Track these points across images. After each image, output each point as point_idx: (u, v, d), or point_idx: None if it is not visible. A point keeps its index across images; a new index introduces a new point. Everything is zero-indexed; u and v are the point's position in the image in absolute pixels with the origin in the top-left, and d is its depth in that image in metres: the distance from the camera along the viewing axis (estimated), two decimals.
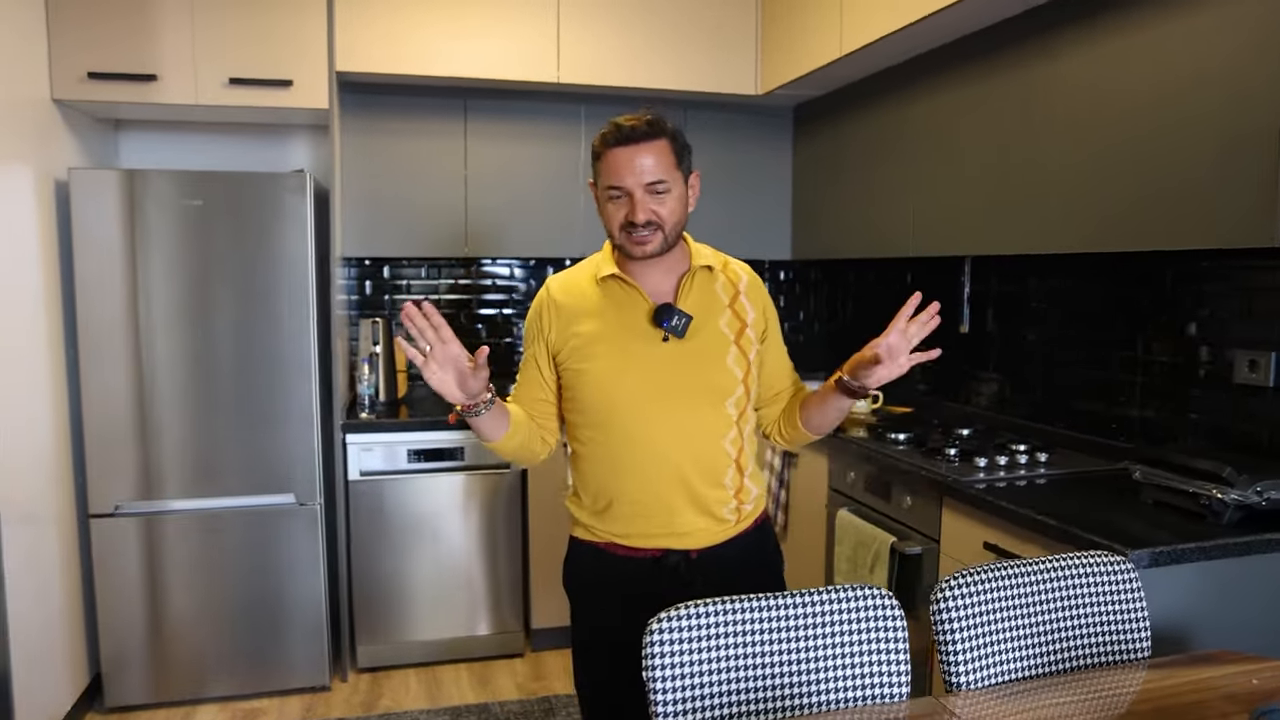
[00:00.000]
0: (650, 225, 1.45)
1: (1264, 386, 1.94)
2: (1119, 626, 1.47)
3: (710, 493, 1.53)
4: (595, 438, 1.54)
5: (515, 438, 1.54)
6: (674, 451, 1.51)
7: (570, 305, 1.56)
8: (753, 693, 1.27)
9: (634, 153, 1.45)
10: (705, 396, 1.52)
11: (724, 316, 1.55)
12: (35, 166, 2.39)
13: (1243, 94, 1.63)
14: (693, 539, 1.53)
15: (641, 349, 1.51)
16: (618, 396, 1.51)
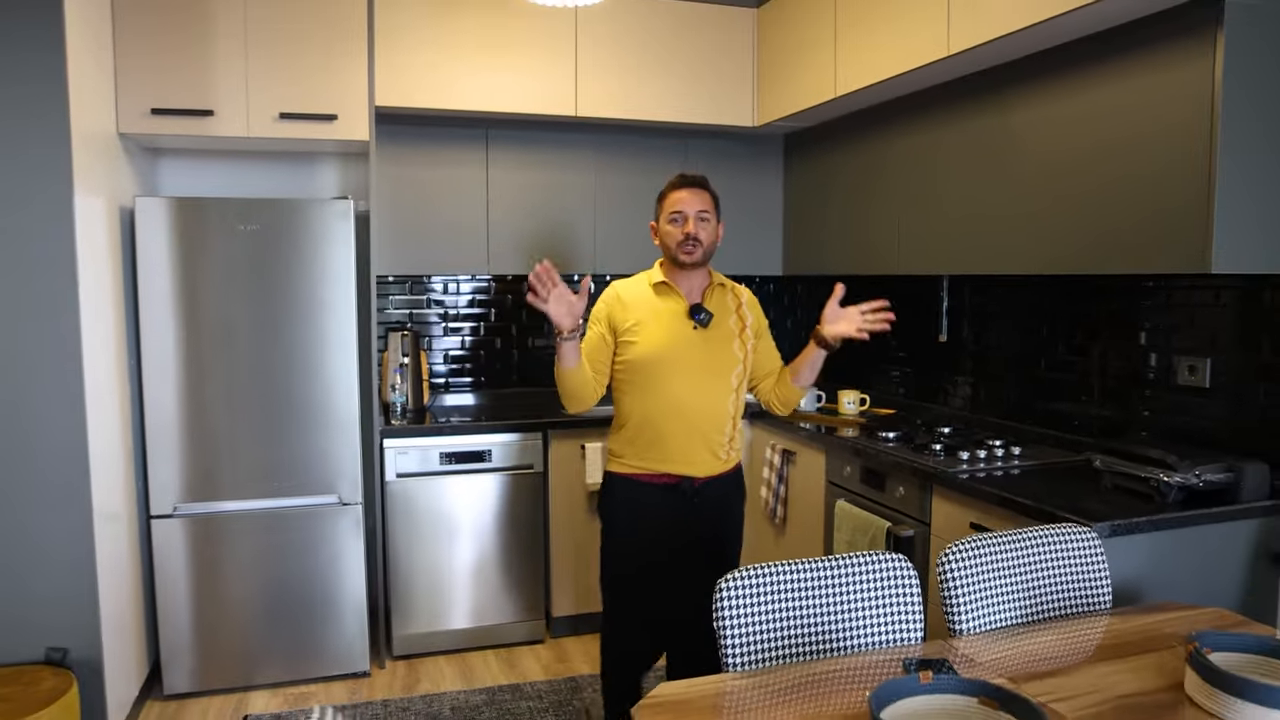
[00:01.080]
0: (695, 241, 2.20)
1: (1202, 387, 2.30)
2: (1086, 583, 1.79)
3: (713, 436, 2.23)
4: (639, 388, 2.21)
5: (583, 371, 2.18)
6: (692, 403, 2.19)
7: (630, 301, 2.26)
8: (801, 636, 1.57)
9: (692, 193, 2.23)
10: (716, 369, 2.22)
11: (731, 318, 2.28)
12: (106, 195, 2.60)
13: (1176, 146, 1.98)
14: (698, 469, 2.23)
15: (678, 331, 2.21)
16: (659, 362, 2.19)
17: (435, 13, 3.15)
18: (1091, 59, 2.18)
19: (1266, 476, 2.09)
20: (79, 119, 2.32)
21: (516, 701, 2.87)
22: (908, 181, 2.93)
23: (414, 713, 2.79)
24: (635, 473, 2.24)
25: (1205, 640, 1.45)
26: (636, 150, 3.64)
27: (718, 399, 2.21)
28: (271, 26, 2.87)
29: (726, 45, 3.47)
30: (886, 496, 2.64)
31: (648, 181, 3.65)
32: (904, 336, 3.48)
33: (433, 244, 3.41)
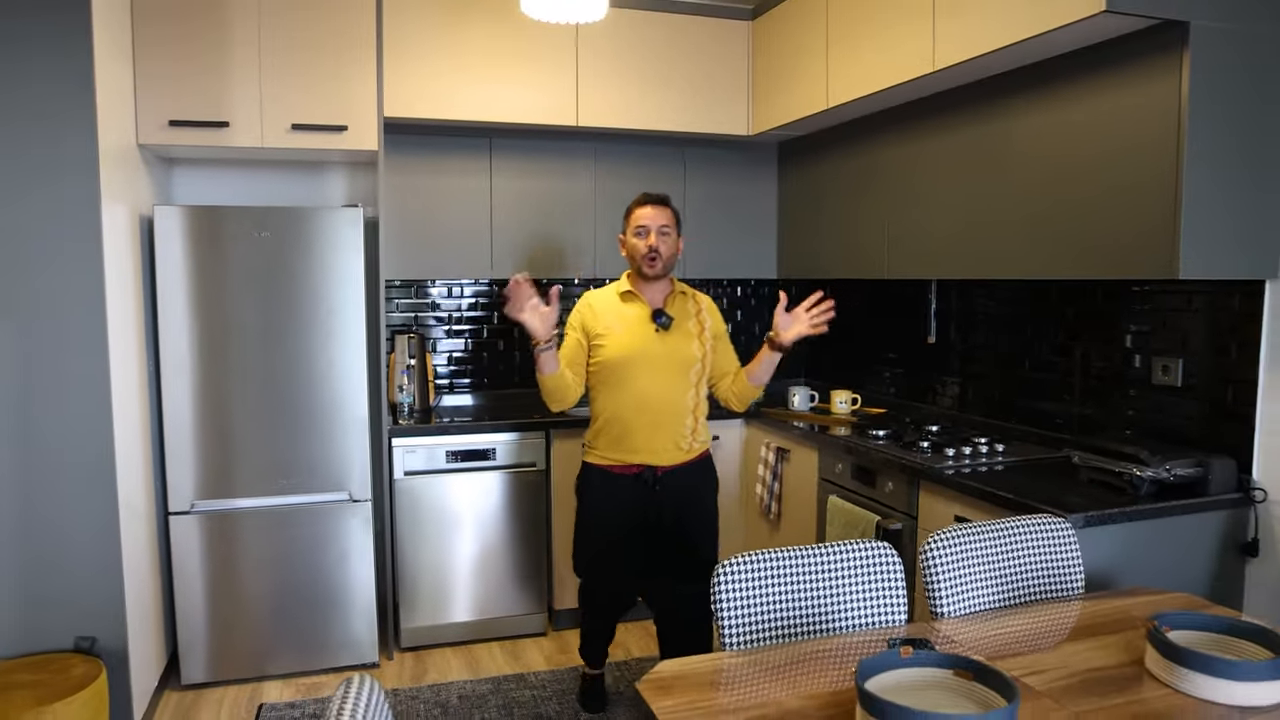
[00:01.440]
0: (657, 253, 2.50)
1: (1174, 386, 2.42)
2: (1061, 570, 1.91)
3: (675, 428, 2.52)
4: (609, 386, 2.51)
5: (562, 376, 2.46)
6: (655, 398, 2.49)
7: (600, 308, 2.56)
8: (793, 617, 1.69)
9: (655, 210, 2.53)
10: (677, 367, 2.51)
11: (691, 322, 2.58)
12: (128, 204, 2.71)
13: (1147, 159, 2.09)
14: (661, 458, 2.52)
15: (642, 335, 2.50)
16: (625, 362, 2.48)
17: (441, 27, 3.26)
18: (1069, 76, 2.30)
19: (1233, 471, 2.21)
20: (105, 131, 2.43)
21: (521, 690, 2.98)
22: (896, 189, 3.04)
23: (422, 701, 2.90)
24: (606, 463, 2.56)
25: (1165, 620, 1.57)
26: (636, 158, 3.76)
27: (678, 394, 2.51)
28: (284, 41, 2.98)
29: (722, 57, 3.59)
30: (876, 492, 2.76)
31: (646, 188, 3.77)
32: (895, 338, 3.60)
33: (438, 249, 3.53)
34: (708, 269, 3.90)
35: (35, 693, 2.16)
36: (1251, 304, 2.21)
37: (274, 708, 2.86)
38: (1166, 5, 1.98)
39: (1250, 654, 1.50)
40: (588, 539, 2.63)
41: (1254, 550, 2.21)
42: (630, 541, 2.56)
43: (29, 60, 2.29)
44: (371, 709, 1.06)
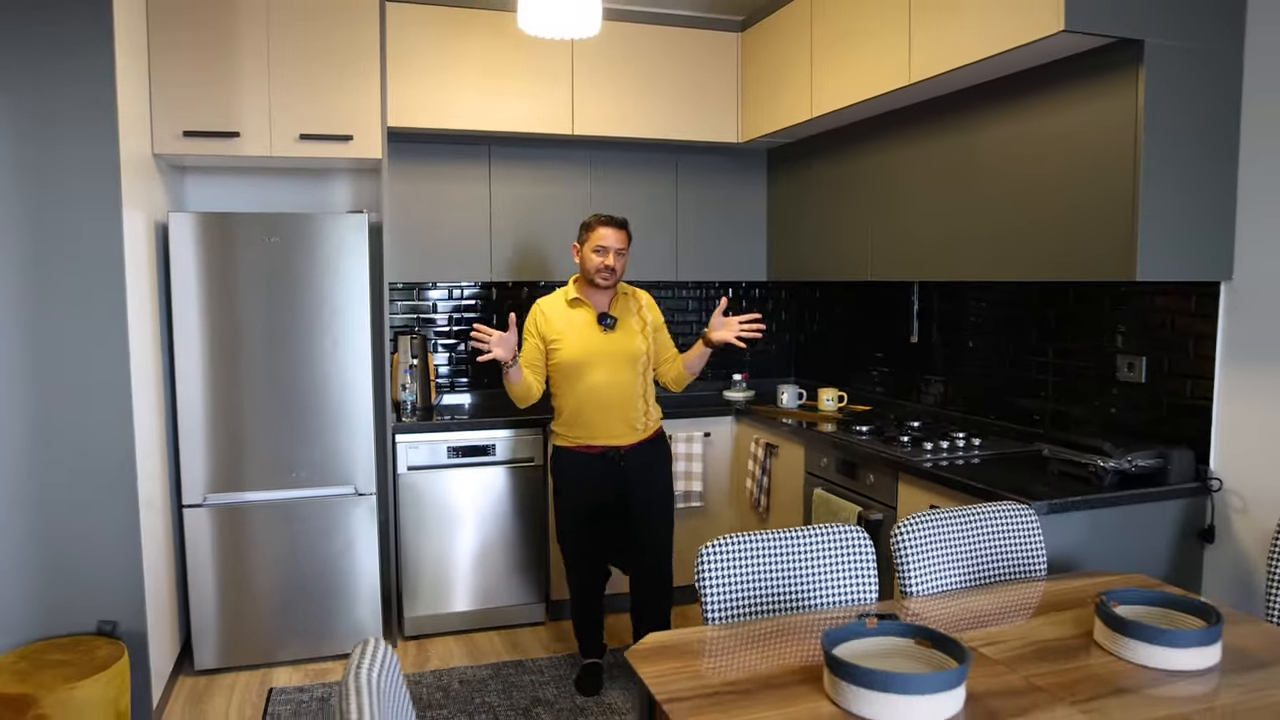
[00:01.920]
0: (612, 270, 2.82)
1: (1138, 383, 2.56)
2: (1024, 554, 2.04)
3: (629, 413, 2.85)
4: (567, 384, 2.85)
5: (525, 380, 2.81)
6: (608, 390, 2.82)
7: (551, 315, 2.87)
8: (772, 595, 1.82)
9: (615, 232, 2.83)
10: (624, 360, 2.84)
11: (633, 319, 2.90)
12: (144, 211, 2.84)
13: (1107, 168, 2.23)
14: (620, 439, 2.85)
15: (591, 336, 2.83)
16: (578, 364, 2.81)
17: (442, 41, 3.40)
18: (1034, 90, 2.44)
19: (1191, 462, 2.35)
20: (124, 143, 2.56)
21: (519, 675, 3.11)
22: (878, 195, 3.18)
23: (425, 685, 3.03)
24: (574, 445, 2.89)
25: (1113, 595, 1.70)
26: (630, 165, 3.89)
27: (628, 384, 2.85)
28: (292, 56, 3.12)
29: (713, 67, 3.72)
30: (859, 484, 2.89)
31: (640, 194, 3.91)
32: (880, 338, 3.74)
33: (440, 253, 3.66)
34: (699, 271, 4.03)
35: (65, 671, 2.29)
36: (1208, 305, 2.34)
37: (284, 691, 2.99)
38: (1122, 25, 2.11)
39: (1188, 626, 1.63)
40: (567, 513, 2.93)
41: (1210, 536, 2.35)
42: (603, 510, 2.89)
43: (55, 77, 2.42)
44: (385, 665, 1.20)
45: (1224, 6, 2.21)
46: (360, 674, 1.14)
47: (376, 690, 1.12)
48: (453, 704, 2.90)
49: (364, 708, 1.06)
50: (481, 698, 2.95)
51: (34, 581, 2.50)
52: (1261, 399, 2.23)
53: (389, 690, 1.18)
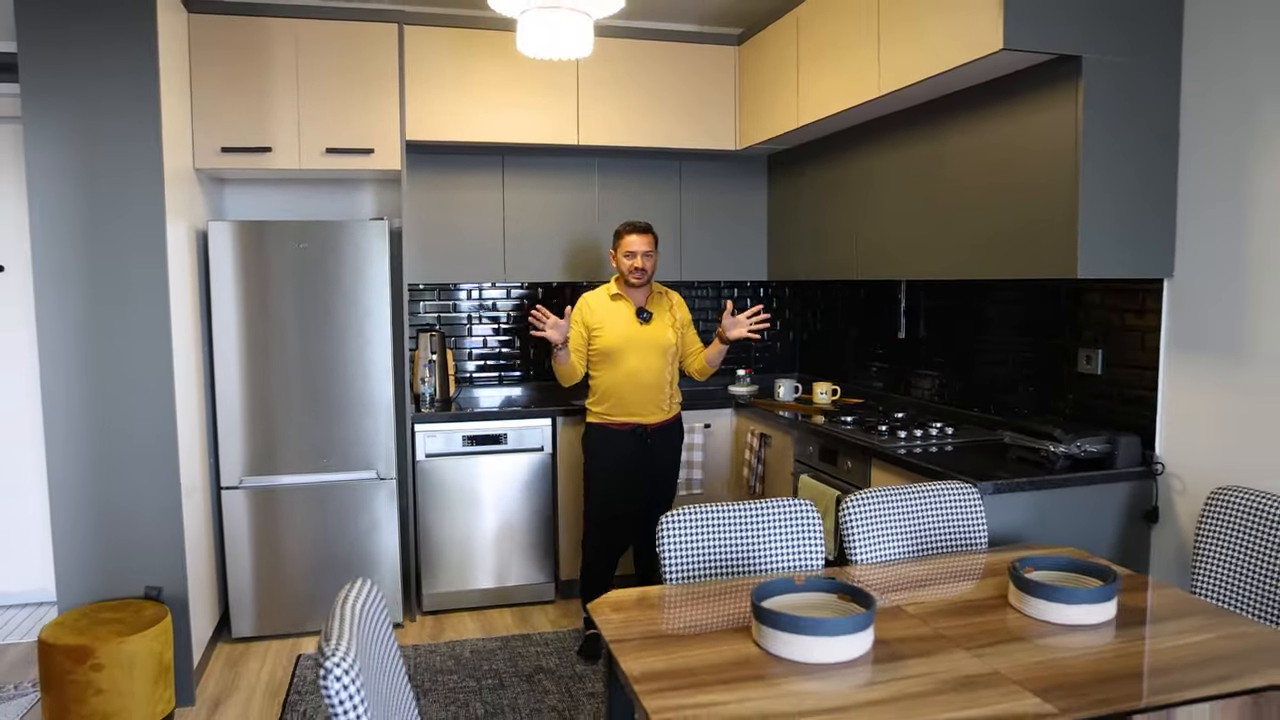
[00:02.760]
0: (642, 270, 3.19)
1: (1095, 374, 2.72)
2: (967, 528, 2.23)
3: (657, 395, 3.23)
4: (606, 365, 3.21)
5: (572, 363, 3.20)
6: (640, 374, 3.19)
7: (595, 307, 3.24)
8: (726, 560, 2.04)
9: (640, 237, 3.20)
10: (656, 349, 3.22)
11: (666, 315, 3.27)
12: (186, 220, 3.15)
13: (1054, 174, 2.40)
14: (648, 418, 3.23)
15: (629, 326, 3.20)
16: (618, 347, 3.19)
17: (456, 60, 3.67)
18: (987, 103, 2.61)
19: (1138, 448, 2.51)
20: (168, 158, 2.86)
21: (526, 647, 3.36)
22: (862, 199, 3.37)
23: (439, 655, 3.30)
24: (606, 422, 3.24)
25: (1030, 562, 1.89)
26: (635, 171, 4.13)
27: (658, 370, 3.22)
28: (318, 76, 3.41)
29: (712, 79, 3.94)
30: (838, 470, 3.09)
31: (646, 198, 4.14)
32: (875, 334, 3.92)
33: (457, 256, 3.93)
34: (703, 272, 4.25)
35: (117, 627, 2.60)
36: (1154, 300, 2.50)
37: (309, 657, 3.28)
38: (1060, 43, 2.29)
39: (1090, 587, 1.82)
40: (596, 480, 3.26)
41: (1154, 517, 2.50)
42: (628, 480, 3.25)
43: (105, 101, 2.73)
44: (368, 598, 1.45)
45: (1162, 22, 2.37)
46: (345, 604, 1.39)
47: (355, 616, 1.37)
48: (462, 670, 3.17)
49: (344, 631, 1.30)
50: (489, 665, 3.20)
51: (91, 552, 2.81)
52: (1201, 388, 2.38)
53: (369, 617, 1.43)
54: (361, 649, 1.33)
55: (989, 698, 1.42)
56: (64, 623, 2.63)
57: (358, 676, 1.22)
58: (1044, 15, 2.28)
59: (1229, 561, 2.10)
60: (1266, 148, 2.19)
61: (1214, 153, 2.32)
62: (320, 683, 1.21)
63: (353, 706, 1.20)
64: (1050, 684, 1.47)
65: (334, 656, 1.21)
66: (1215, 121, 2.31)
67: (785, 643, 1.56)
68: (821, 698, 1.43)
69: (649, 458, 3.26)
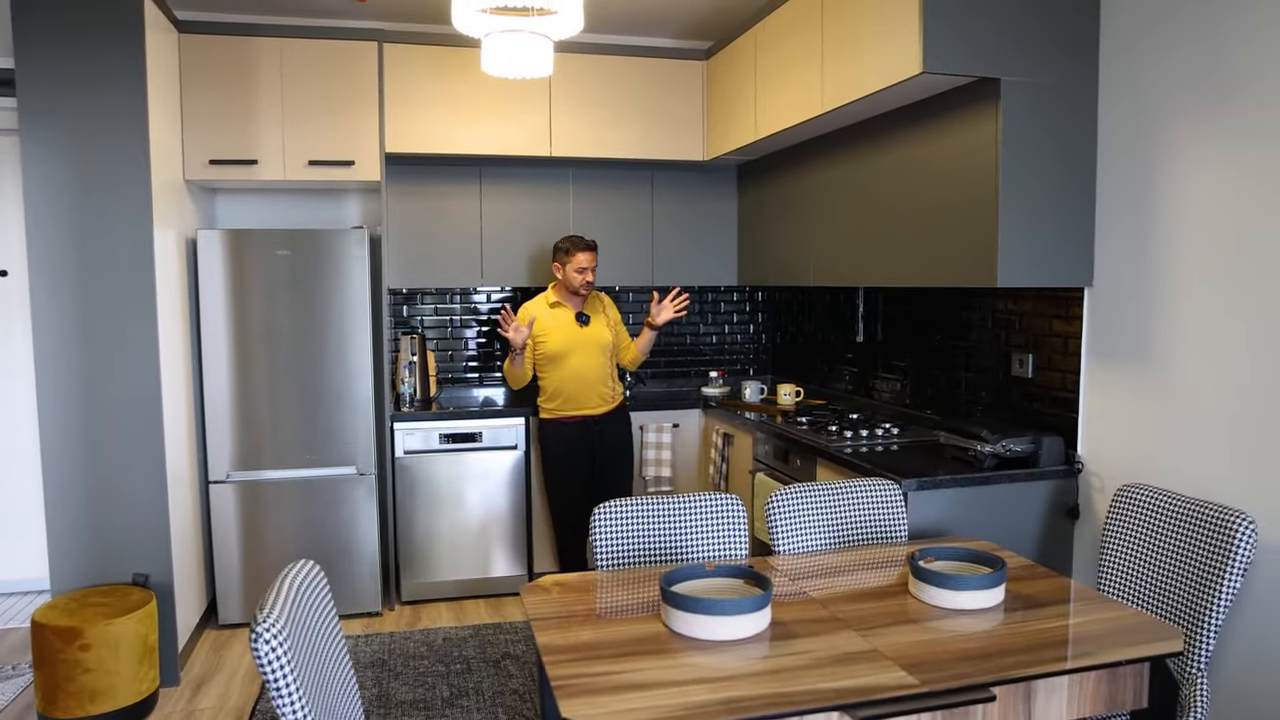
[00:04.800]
0: (590, 283, 3.54)
1: (1026, 377, 2.86)
2: (888, 523, 2.38)
3: (600, 388, 3.60)
4: (552, 367, 3.56)
5: (524, 366, 3.54)
6: (583, 371, 3.56)
7: (539, 315, 3.56)
8: (654, 550, 2.20)
9: (589, 255, 3.55)
10: (596, 348, 3.59)
11: (601, 316, 3.64)
12: (176, 229, 3.34)
13: (977, 189, 2.55)
14: (594, 409, 3.61)
15: (570, 330, 3.56)
16: (562, 349, 3.54)
17: (434, 76, 3.84)
18: (920, 120, 2.76)
19: (1061, 447, 2.65)
20: (157, 170, 3.05)
21: (497, 635, 3.53)
22: (816, 208, 3.52)
23: (414, 641, 3.47)
24: (556, 416, 3.61)
25: (931, 552, 2.04)
26: (608, 181, 4.29)
27: (598, 366, 3.60)
28: (302, 92, 3.60)
29: (680, 93, 4.10)
30: (789, 468, 3.24)
31: (619, 206, 4.30)
32: (838, 338, 4.07)
33: (435, 262, 4.11)
34: (674, 277, 4.40)
35: (104, 610, 2.78)
36: (1077, 308, 2.64)
37: None
38: (979, 66, 2.44)
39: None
40: (554, 473, 3.63)
41: (1076, 514, 2.64)
42: (582, 468, 3.62)
43: (97, 115, 2.92)
44: (308, 576, 1.62)
45: (1078, 46, 2.51)
46: (285, 579, 1.56)
47: (293, 591, 1.54)
48: (433, 655, 3.34)
49: (278, 602, 1.47)
50: (459, 651, 3.38)
51: (82, 540, 3.00)
52: (1117, 391, 2.52)
53: (308, 593, 1.60)
54: (297, 622, 1.50)
55: (860, 671, 1.58)
56: (55, 605, 2.82)
57: (286, 640, 1.39)
58: (962, 40, 2.42)
59: (1131, 553, 2.25)
60: (1176, 165, 2.33)
61: (1128, 169, 2.46)
62: (250, 645, 1.38)
63: (279, 668, 1.37)
64: (922, 660, 1.62)
65: (265, 622, 1.38)
66: (1129, 139, 2.45)
67: (687, 622, 1.72)
68: (711, 669, 1.59)
69: (598, 444, 3.64)
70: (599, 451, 3.65)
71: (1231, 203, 2.17)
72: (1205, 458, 2.26)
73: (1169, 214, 2.34)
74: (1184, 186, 2.29)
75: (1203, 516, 2.10)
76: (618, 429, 3.69)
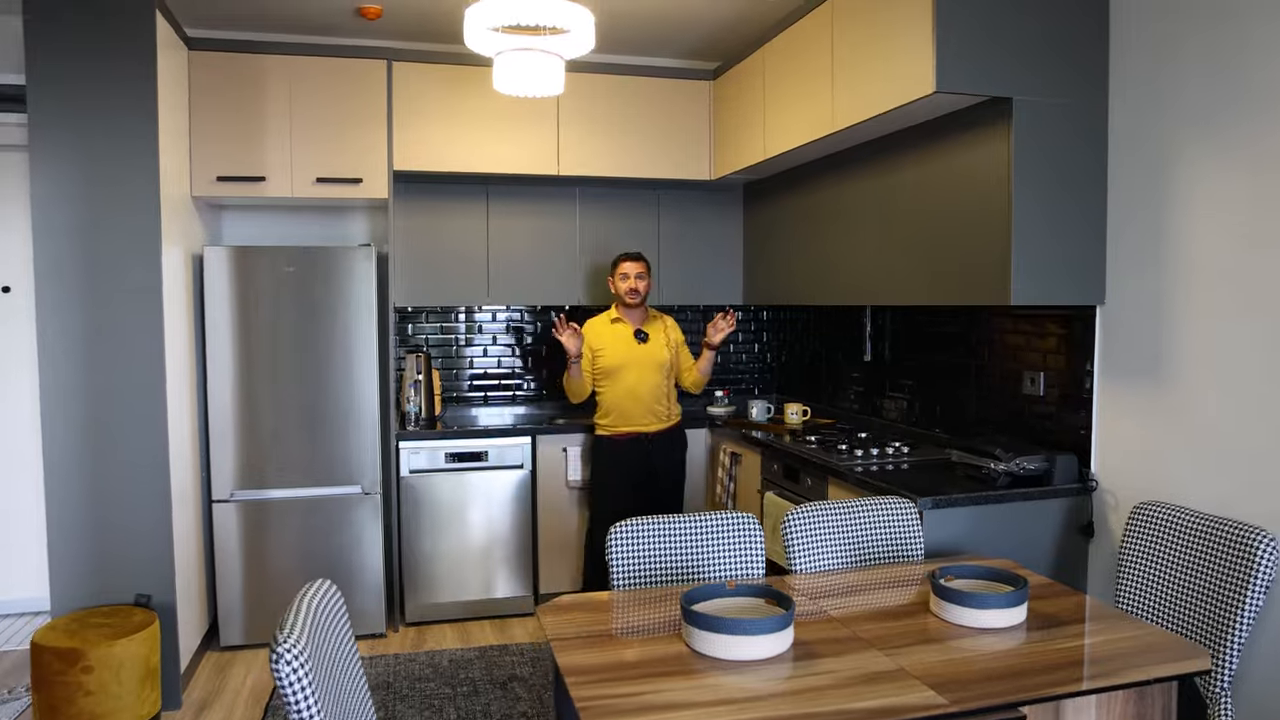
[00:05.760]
0: (636, 291, 3.66)
1: (1037, 395, 2.85)
2: (904, 541, 2.37)
3: (656, 407, 3.70)
4: (609, 381, 3.68)
5: (584, 377, 3.67)
6: (640, 388, 3.66)
7: (599, 330, 3.72)
8: (671, 569, 2.18)
9: (633, 264, 3.68)
10: (653, 366, 3.68)
11: (661, 336, 3.74)
12: (183, 245, 3.33)
13: (990, 207, 2.55)
14: (649, 427, 3.70)
15: (629, 346, 3.68)
16: (619, 365, 3.66)
17: (442, 95, 3.86)
18: (933, 139, 2.77)
19: (1075, 465, 2.64)
20: (164, 187, 3.04)
21: (503, 657, 3.49)
22: (825, 228, 3.52)
23: (419, 663, 3.43)
24: (612, 433, 3.70)
25: (951, 570, 2.02)
26: (614, 200, 4.30)
27: (655, 384, 3.69)
28: (311, 109, 3.60)
29: (687, 112, 4.12)
30: (799, 487, 3.22)
31: (626, 226, 4.31)
32: (845, 357, 4.06)
33: (442, 280, 4.10)
34: (681, 295, 4.40)
35: (106, 631, 2.74)
36: (1089, 326, 2.64)
37: None
38: (991, 85, 2.45)
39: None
40: (602, 489, 3.71)
41: (1090, 531, 2.63)
42: (633, 485, 3.69)
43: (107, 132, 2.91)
44: (326, 596, 1.59)
45: (1089, 66, 2.53)
46: (303, 600, 1.54)
47: (312, 611, 1.51)
48: (439, 678, 3.29)
49: (298, 622, 1.45)
50: (465, 673, 3.33)
51: (84, 560, 2.96)
52: (1131, 407, 2.52)
53: (327, 614, 1.57)
54: (316, 642, 1.47)
55: (888, 691, 1.55)
56: (56, 626, 2.78)
57: (307, 661, 1.36)
58: (975, 60, 2.44)
59: (1150, 571, 2.23)
60: (1186, 182, 2.34)
61: (1139, 187, 2.47)
62: (271, 666, 1.35)
63: (301, 689, 1.34)
64: (949, 679, 1.60)
65: (285, 643, 1.35)
66: (1140, 159, 2.47)
67: (709, 642, 1.70)
68: (736, 690, 1.56)
69: (650, 461, 3.70)
70: (650, 470, 3.69)
71: (1243, 220, 2.18)
72: (1218, 474, 2.25)
73: (1179, 231, 2.35)
74: (1194, 204, 2.30)
75: (1222, 533, 2.08)
76: (671, 449, 3.75)
